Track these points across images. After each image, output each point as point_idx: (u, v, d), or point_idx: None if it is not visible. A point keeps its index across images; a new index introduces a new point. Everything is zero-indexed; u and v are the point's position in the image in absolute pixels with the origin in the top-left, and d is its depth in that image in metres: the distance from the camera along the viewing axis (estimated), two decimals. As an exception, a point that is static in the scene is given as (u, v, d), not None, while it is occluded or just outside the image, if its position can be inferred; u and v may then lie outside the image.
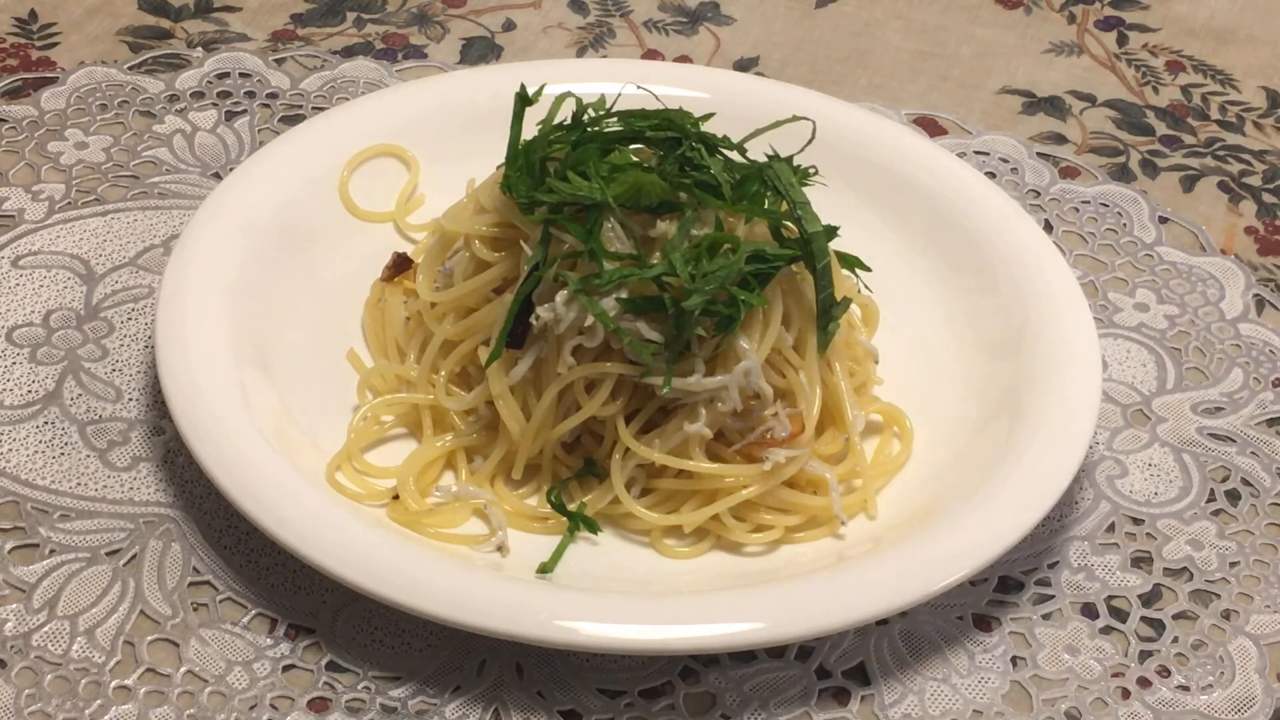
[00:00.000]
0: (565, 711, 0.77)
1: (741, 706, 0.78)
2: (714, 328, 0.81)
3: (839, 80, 1.17)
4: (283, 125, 1.07)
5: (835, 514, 0.84)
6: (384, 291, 0.92)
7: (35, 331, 0.92)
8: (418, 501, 0.83)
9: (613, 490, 0.83)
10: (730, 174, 0.84)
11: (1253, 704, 0.80)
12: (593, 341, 0.82)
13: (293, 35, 1.16)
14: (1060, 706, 0.79)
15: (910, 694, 0.79)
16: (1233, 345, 0.98)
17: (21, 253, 0.97)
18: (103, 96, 1.08)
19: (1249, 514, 0.89)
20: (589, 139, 0.84)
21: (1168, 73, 1.20)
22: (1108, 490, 0.89)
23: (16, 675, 0.76)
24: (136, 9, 1.17)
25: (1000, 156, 1.10)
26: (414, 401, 0.87)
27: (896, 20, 1.24)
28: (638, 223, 0.82)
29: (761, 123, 0.89)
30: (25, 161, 1.03)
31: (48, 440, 0.87)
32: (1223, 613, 0.83)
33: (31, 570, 0.81)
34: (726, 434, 0.84)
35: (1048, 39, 1.23)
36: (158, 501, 0.84)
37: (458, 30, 1.19)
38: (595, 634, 0.74)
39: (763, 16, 1.23)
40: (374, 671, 0.78)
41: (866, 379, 0.90)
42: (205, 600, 0.80)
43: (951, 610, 0.82)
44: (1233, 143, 1.14)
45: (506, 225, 0.86)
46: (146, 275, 0.96)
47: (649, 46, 1.19)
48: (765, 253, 0.82)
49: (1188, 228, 1.06)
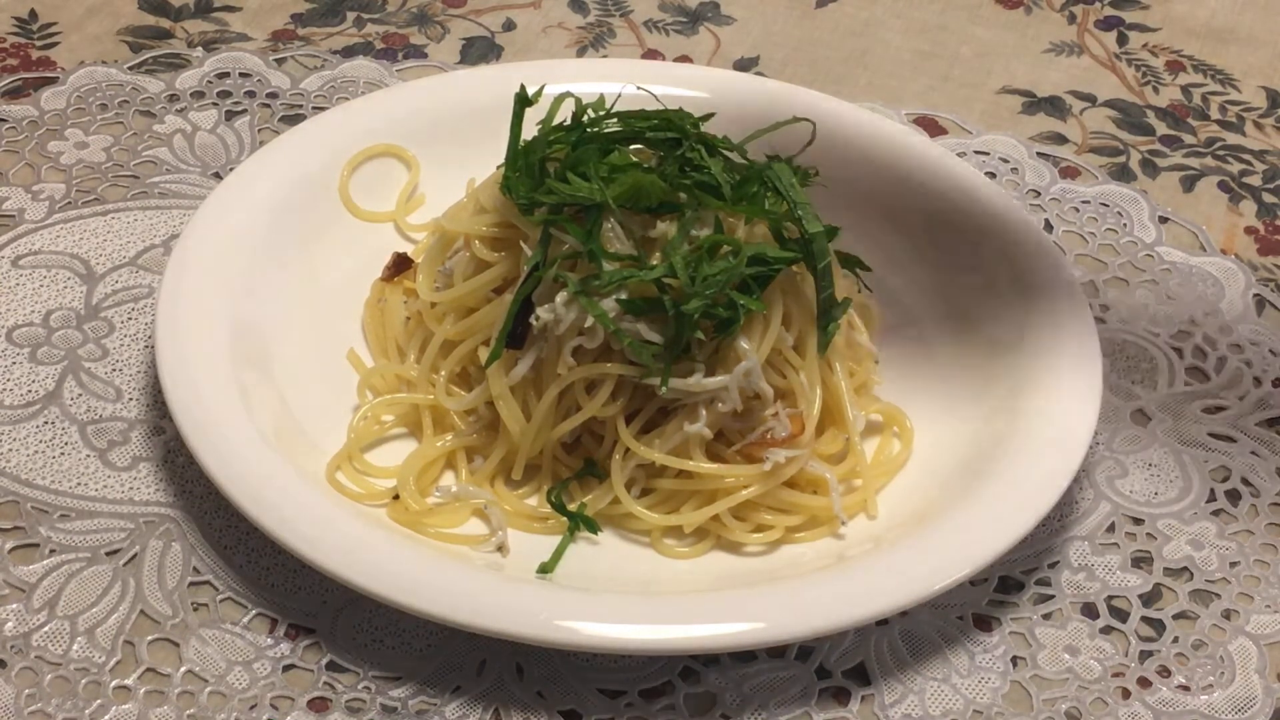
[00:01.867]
0: (565, 711, 0.77)
1: (741, 706, 0.78)
2: (713, 330, 0.81)
3: (839, 80, 1.17)
4: (283, 125, 1.07)
5: (835, 514, 0.84)
6: (384, 291, 0.92)
7: (35, 331, 0.92)
8: (418, 501, 0.83)
9: (613, 490, 0.83)
10: (730, 175, 0.84)
11: (1253, 704, 0.80)
12: (593, 342, 0.82)
13: (293, 35, 1.16)
14: (1060, 706, 0.79)
15: (910, 694, 0.79)
16: (1233, 345, 0.98)
17: (21, 252, 0.97)
18: (103, 96, 1.08)
19: (1249, 514, 0.89)
20: (588, 140, 0.84)
21: (1168, 73, 1.20)
22: (1108, 490, 0.89)
23: (16, 675, 0.76)
24: (136, 9, 1.17)
25: (1000, 156, 1.10)
26: (414, 401, 0.87)
27: (896, 20, 1.24)
28: (637, 223, 0.82)
29: (762, 123, 0.89)
30: (25, 161, 1.03)
31: (48, 440, 0.87)
32: (1223, 613, 0.83)
33: (31, 570, 0.81)
34: (727, 434, 0.84)
35: (1048, 39, 1.23)
36: (158, 501, 0.84)
37: (458, 30, 1.19)
38: (595, 634, 0.74)
39: (763, 16, 1.23)
40: (374, 671, 0.78)
41: (866, 379, 0.90)
42: (205, 600, 0.80)
43: (951, 610, 0.82)
44: (1233, 143, 1.14)
45: (506, 225, 0.86)
46: (146, 275, 0.96)
47: (649, 46, 1.19)
48: (766, 255, 0.82)
49: (1188, 228, 1.06)
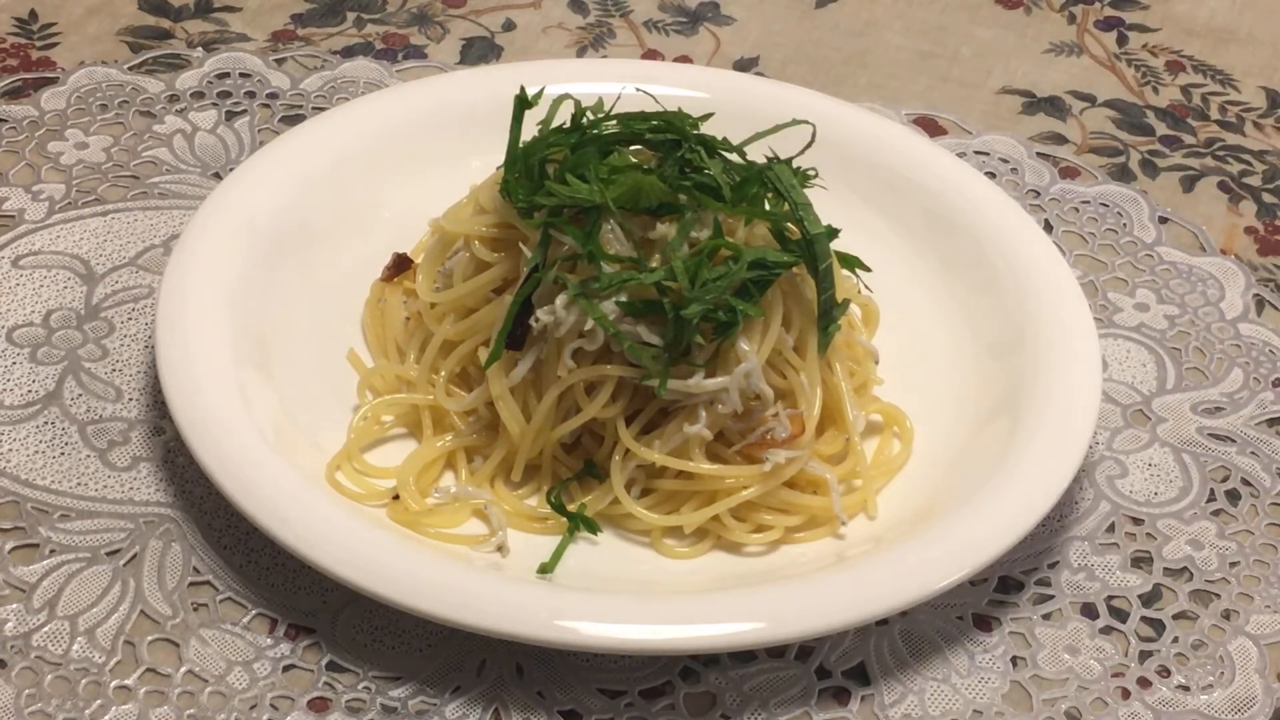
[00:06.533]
0: (565, 711, 0.77)
1: (741, 706, 0.78)
2: (713, 333, 0.81)
3: (839, 80, 1.17)
4: (283, 125, 1.07)
5: (835, 514, 0.84)
6: (384, 291, 0.92)
7: (35, 331, 0.92)
8: (418, 501, 0.83)
9: (613, 491, 0.83)
10: (730, 176, 0.84)
11: (1253, 704, 0.80)
12: (593, 344, 0.82)
13: (293, 35, 1.16)
14: (1060, 706, 0.79)
15: (910, 694, 0.79)
16: (1233, 345, 0.98)
17: (21, 253, 0.97)
18: (103, 96, 1.08)
19: (1249, 514, 0.89)
20: (588, 141, 0.84)
21: (1168, 73, 1.20)
22: (1108, 490, 0.89)
23: (16, 675, 0.76)
24: (136, 9, 1.17)
25: (1000, 156, 1.10)
26: (414, 402, 0.87)
27: (896, 20, 1.24)
28: (637, 225, 0.82)
29: (762, 123, 0.88)
30: (25, 161, 1.03)
31: (48, 440, 0.87)
32: (1223, 613, 0.83)
33: (31, 570, 0.81)
34: (727, 435, 0.84)
35: (1048, 39, 1.23)
36: (158, 501, 0.84)
37: (458, 30, 1.19)
38: (595, 634, 0.74)
39: (763, 16, 1.23)
40: (374, 671, 0.78)
41: (867, 379, 0.90)
42: (205, 600, 0.80)
43: (951, 610, 0.82)
44: (1233, 143, 1.14)
45: (506, 226, 0.86)
46: (146, 275, 0.96)
47: (649, 46, 1.19)
48: (766, 260, 0.82)
49: (1188, 228, 1.06)
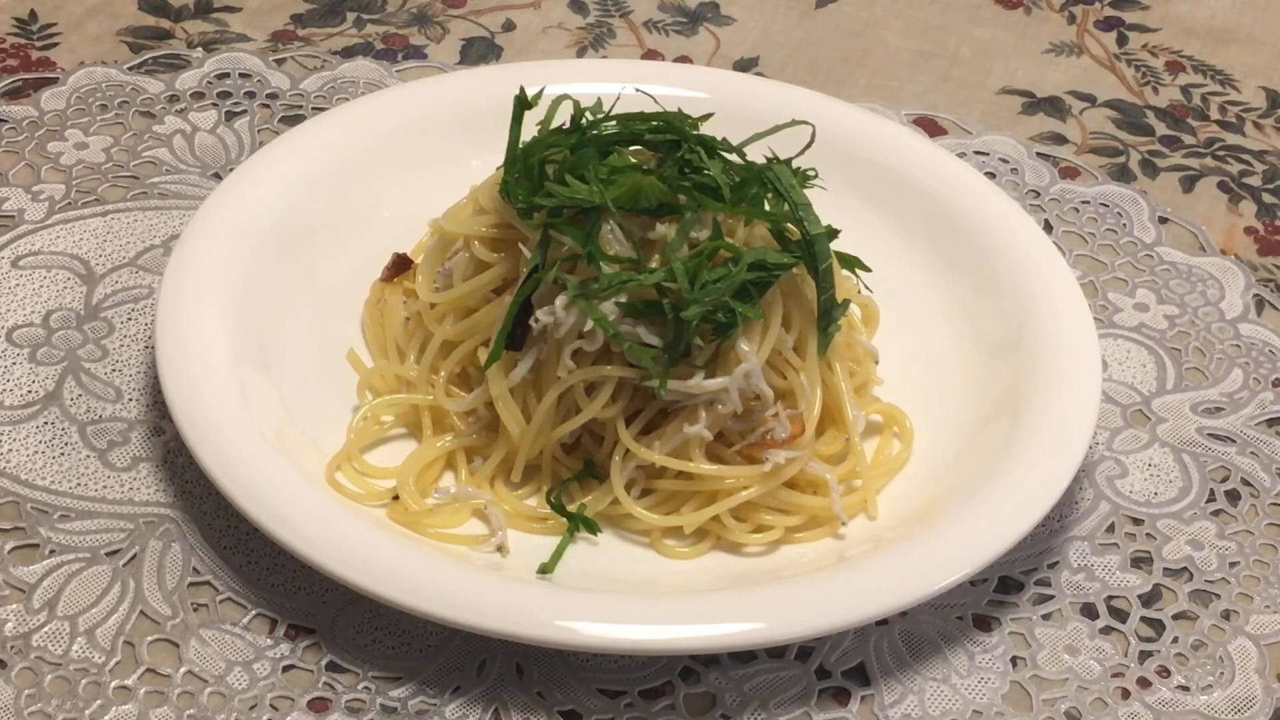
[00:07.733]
0: (565, 711, 0.77)
1: (741, 706, 0.78)
2: (712, 334, 0.81)
3: (839, 80, 1.17)
4: (283, 125, 1.07)
5: (835, 514, 0.84)
6: (384, 292, 0.92)
7: (35, 331, 0.92)
8: (418, 502, 0.83)
9: (613, 491, 0.83)
10: (729, 176, 0.84)
11: (1253, 704, 0.80)
12: (593, 345, 0.82)
13: (293, 35, 1.16)
14: (1060, 707, 0.79)
15: (910, 694, 0.79)
16: (1233, 345, 0.98)
17: (21, 253, 0.97)
18: (103, 97, 1.08)
19: (1249, 514, 0.89)
20: (587, 142, 0.84)
21: (1168, 73, 1.20)
22: (1108, 490, 0.89)
23: (16, 675, 0.76)
24: (136, 9, 1.17)
25: (1000, 156, 1.10)
26: (414, 402, 0.87)
27: (896, 20, 1.24)
28: (637, 225, 0.82)
29: (761, 123, 0.89)
30: (25, 161, 1.03)
31: (48, 440, 0.87)
32: (1223, 613, 0.83)
33: (31, 570, 0.81)
34: (727, 435, 0.84)
35: (1048, 39, 1.23)
36: (158, 501, 0.84)
37: (458, 30, 1.19)
38: (595, 634, 0.74)
39: (763, 16, 1.23)
40: (374, 671, 0.78)
41: (866, 379, 0.90)
42: (205, 600, 0.80)
43: (951, 610, 0.82)
44: (1233, 143, 1.14)
45: (506, 226, 0.86)
46: (146, 275, 0.96)
47: (649, 47, 1.19)
48: (766, 261, 0.82)
49: (1188, 228, 1.06)
